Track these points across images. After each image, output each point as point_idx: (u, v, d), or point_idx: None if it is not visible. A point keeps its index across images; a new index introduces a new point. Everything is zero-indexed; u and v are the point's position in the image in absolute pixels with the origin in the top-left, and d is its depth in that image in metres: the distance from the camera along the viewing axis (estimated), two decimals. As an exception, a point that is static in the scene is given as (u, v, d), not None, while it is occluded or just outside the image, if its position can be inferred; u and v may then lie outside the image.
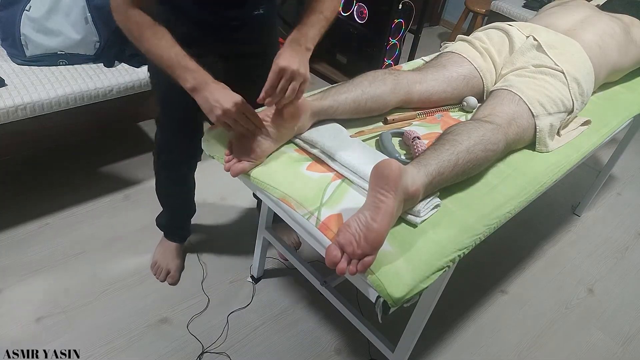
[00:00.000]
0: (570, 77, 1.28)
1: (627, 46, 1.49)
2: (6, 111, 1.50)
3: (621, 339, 1.72)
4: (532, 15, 2.33)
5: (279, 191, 1.01)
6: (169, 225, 1.68)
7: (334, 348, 1.53)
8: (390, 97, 1.23)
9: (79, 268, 1.63)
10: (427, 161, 0.98)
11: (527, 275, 1.90)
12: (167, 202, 1.62)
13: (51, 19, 1.62)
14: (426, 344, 1.57)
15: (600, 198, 2.40)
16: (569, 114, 1.29)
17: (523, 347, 1.63)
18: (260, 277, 1.69)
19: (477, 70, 1.35)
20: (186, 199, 1.62)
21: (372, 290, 0.88)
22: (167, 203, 1.62)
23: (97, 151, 2.12)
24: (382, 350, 1.28)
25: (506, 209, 1.05)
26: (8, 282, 1.56)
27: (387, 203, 0.85)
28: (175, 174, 1.52)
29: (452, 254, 0.93)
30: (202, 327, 1.52)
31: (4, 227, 1.73)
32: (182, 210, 1.65)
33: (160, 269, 1.65)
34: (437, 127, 1.27)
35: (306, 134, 1.11)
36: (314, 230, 0.94)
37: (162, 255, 1.67)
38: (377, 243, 0.83)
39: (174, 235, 1.69)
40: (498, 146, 1.09)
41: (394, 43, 2.72)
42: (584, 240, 2.13)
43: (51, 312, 1.49)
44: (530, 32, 1.39)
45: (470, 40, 1.41)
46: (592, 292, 1.89)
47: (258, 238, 1.57)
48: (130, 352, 1.43)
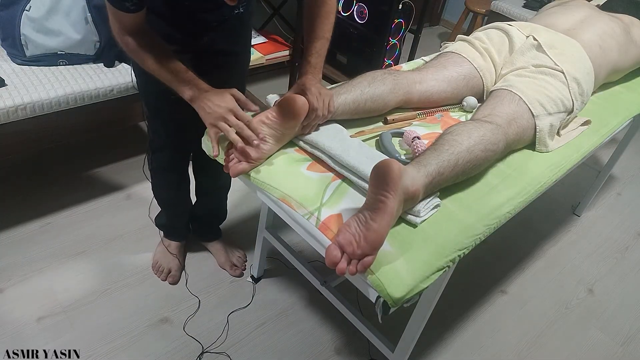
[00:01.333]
0: (570, 77, 1.28)
1: (627, 46, 1.49)
2: (6, 111, 1.50)
3: (621, 339, 1.72)
4: (532, 15, 2.33)
5: (279, 191, 1.01)
6: (168, 224, 1.68)
7: (334, 348, 1.53)
8: (390, 97, 1.23)
9: (80, 268, 1.64)
10: (427, 161, 0.98)
11: (527, 275, 1.90)
12: (165, 202, 1.61)
13: (51, 19, 1.62)
14: (426, 344, 1.57)
15: (600, 198, 2.40)
16: (569, 114, 1.29)
17: (523, 347, 1.64)
18: (260, 277, 1.69)
19: (477, 70, 1.35)
20: (183, 196, 1.61)
21: (372, 290, 0.88)
22: (165, 202, 1.61)
23: (97, 151, 2.12)
24: (382, 350, 1.28)
25: (506, 209, 1.05)
26: (9, 281, 1.56)
27: (387, 203, 0.85)
28: (170, 173, 1.51)
29: (452, 254, 0.93)
30: (202, 327, 1.52)
31: (4, 227, 1.73)
32: (180, 208, 1.65)
33: (161, 269, 1.65)
34: (437, 127, 1.27)
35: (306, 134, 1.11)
36: (314, 230, 0.94)
37: (163, 255, 1.67)
38: (377, 243, 0.83)
39: (174, 234, 1.69)
40: (498, 146, 1.09)
41: (394, 43, 2.72)
42: (584, 240, 2.13)
43: (51, 312, 1.50)
44: (530, 32, 1.39)
45: (470, 40, 1.41)
46: (592, 292, 1.89)
47: (258, 238, 1.57)
48: (130, 352, 1.43)
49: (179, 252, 1.69)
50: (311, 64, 1.13)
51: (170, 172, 1.51)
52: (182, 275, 1.67)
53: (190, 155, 1.50)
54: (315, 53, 1.13)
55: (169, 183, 1.54)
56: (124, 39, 1.04)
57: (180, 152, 1.46)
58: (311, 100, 1.06)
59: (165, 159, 1.46)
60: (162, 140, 1.41)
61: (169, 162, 1.47)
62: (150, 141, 1.44)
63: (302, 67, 1.14)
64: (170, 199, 1.61)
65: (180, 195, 1.60)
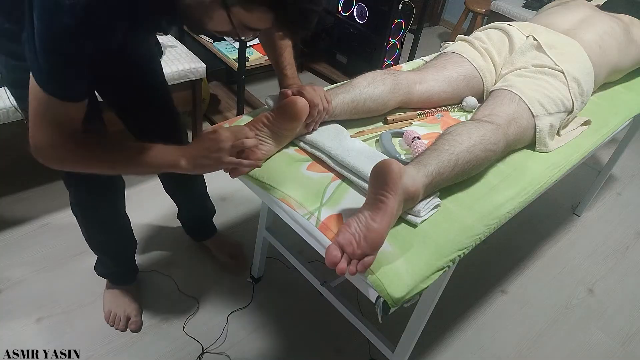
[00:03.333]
0: (570, 77, 1.28)
1: (627, 46, 1.49)
2: (6, 111, 1.50)
3: (621, 339, 1.72)
4: (532, 15, 2.33)
5: (279, 191, 1.01)
6: (114, 271, 1.49)
7: (334, 348, 1.53)
8: (389, 97, 1.23)
9: (79, 268, 1.63)
10: (427, 161, 0.98)
11: (527, 275, 1.90)
12: (105, 246, 1.41)
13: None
14: (426, 344, 1.57)
15: (600, 198, 2.40)
16: (569, 114, 1.29)
17: (523, 347, 1.63)
18: (260, 277, 1.69)
19: (477, 70, 1.35)
20: (125, 234, 1.43)
21: (372, 290, 0.87)
22: (105, 247, 1.41)
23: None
24: (382, 350, 1.28)
25: (506, 209, 1.05)
26: (8, 282, 1.56)
27: (387, 203, 0.85)
28: (105, 211, 1.30)
29: (452, 254, 0.93)
30: (202, 327, 1.52)
31: (4, 227, 1.73)
32: (125, 249, 1.46)
33: (118, 319, 1.46)
34: (437, 127, 1.27)
35: (306, 134, 1.11)
36: (314, 230, 0.94)
37: (115, 303, 1.48)
38: (377, 243, 0.83)
39: (123, 278, 1.51)
40: (498, 146, 1.09)
41: (394, 43, 2.72)
42: (584, 240, 2.13)
43: (51, 312, 1.49)
44: (530, 32, 1.39)
45: (470, 40, 1.41)
46: (592, 292, 1.89)
47: (258, 238, 1.57)
48: (130, 352, 1.43)
49: (133, 295, 1.50)
50: (289, 76, 1.15)
51: (104, 210, 1.28)
52: (173, 282, 1.66)
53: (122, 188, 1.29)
54: (287, 65, 1.15)
55: (105, 224, 1.33)
56: (66, 147, 0.82)
57: (108, 189, 1.24)
58: (310, 98, 1.06)
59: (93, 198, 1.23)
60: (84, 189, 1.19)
61: (94, 197, 1.23)
62: (65, 175, 1.19)
63: (283, 81, 1.16)
64: (112, 242, 1.40)
65: (123, 234, 1.41)
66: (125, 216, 1.39)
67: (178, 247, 1.77)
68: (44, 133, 0.79)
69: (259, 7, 0.73)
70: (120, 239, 1.42)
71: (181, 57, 1.94)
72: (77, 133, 0.83)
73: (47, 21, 0.71)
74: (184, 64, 1.89)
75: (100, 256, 1.45)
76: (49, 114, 0.78)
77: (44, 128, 0.79)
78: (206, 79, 2.21)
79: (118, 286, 1.51)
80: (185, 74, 1.89)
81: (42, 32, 0.72)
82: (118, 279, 1.51)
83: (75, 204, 1.26)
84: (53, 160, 0.83)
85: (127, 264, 1.50)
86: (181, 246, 1.77)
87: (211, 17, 0.77)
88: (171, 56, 1.93)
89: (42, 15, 0.71)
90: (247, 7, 0.73)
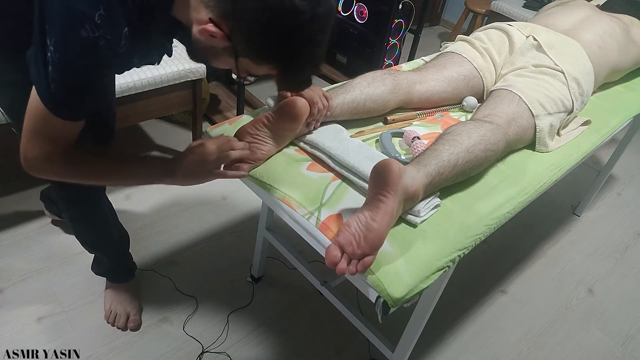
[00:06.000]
0: (570, 77, 1.28)
1: (627, 46, 1.49)
2: (6, 111, 1.49)
3: (621, 339, 1.72)
4: (532, 15, 2.33)
5: (279, 191, 1.01)
6: (110, 268, 1.49)
7: (334, 348, 1.53)
8: (389, 97, 1.23)
9: (80, 268, 1.63)
10: (427, 161, 0.98)
11: (527, 275, 1.90)
12: (100, 244, 1.40)
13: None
14: (426, 344, 1.57)
15: (600, 198, 2.40)
16: (569, 114, 1.29)
17: (523, 347, 1.63)
18: (260, 277, 1.69)
19: (477, 70, 1.35)
20: (116, 229, 1.42)
21: (372, 290, 0.88)
22: (100, 244, 1.41)
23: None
24: (382, 350, 1.28)
25: (506, 209, 1.05)
26: (9, 281, 1.56)
27: (387, 203, 0.85)
28: (94, 208, 1.30)
29: (452, 254, 0.93)
30: (202, 327, 1.52)
31: (4, 227, 1.73)
32: (119, 244, 1.45)
33: (118, 317, 1.47)
34: (437, 127, 1.27)
35: (306, 134, 1.11)
36: (314, 230, 0.94)
37: (115, 301, 1.49)
38: (377, 243, 0.83)
39: (121, 275, 1.52)
40: (498, 146, 1.09)
41: (394, 43, 2.72)
42: (584, 240, 2.13)
43: (51, 312, 1.49)
44: (530, 32, 1.39)
45: (470, 40, 1.41)
46: (592, 292, 1.89)
47: (258, 238, 1.57)
48: (130, 352, 1.43)
49: (132, 292, 1.51)
50: None
51: (92, 207, 1.29)
52: (171, 282, 1.66)
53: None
54: None
55: (96, 221, 1.33)
56: (58, 161, 0.83)
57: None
58: (309, 97, 1.05)
59: (81, 195, 1.23)
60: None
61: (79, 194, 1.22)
62: (62, 195, 1.22)
63: None
64: (104, 238, 1.39)
65: (113, 229, 1.39)
66: (110, 205, 1.37)
67: (177, 247, 1.77)
68: (39, 147, 0.80)
69: (268, 64, 0.79)
70: (113, 237, 1.40)
71: (181, 57, 1.94)
72: (70, 147, 0.84)
73: (68, 53, 0.70)
74: (184, 64, 1.89)
75: (94, 253, 1.46)
76: (47, 131, 0.79)
77: (39, 142, 0.79)
78: (206, 78, 2.21)
79: (117, 284, 1.51)
80: (185, 73, 1.89)
81: (62, 65, 0.71)
82: (116, 276, 1.51)
83: (70, 215, 1.30)
84: (43, 172, 0.84)
85: (121, 258, 1.49)
86: (180, 246, 1.77)
87: (218, 59, 0.82)
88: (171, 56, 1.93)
89: (62, 47, 0.70)
90: (256, 61, 0.79)
